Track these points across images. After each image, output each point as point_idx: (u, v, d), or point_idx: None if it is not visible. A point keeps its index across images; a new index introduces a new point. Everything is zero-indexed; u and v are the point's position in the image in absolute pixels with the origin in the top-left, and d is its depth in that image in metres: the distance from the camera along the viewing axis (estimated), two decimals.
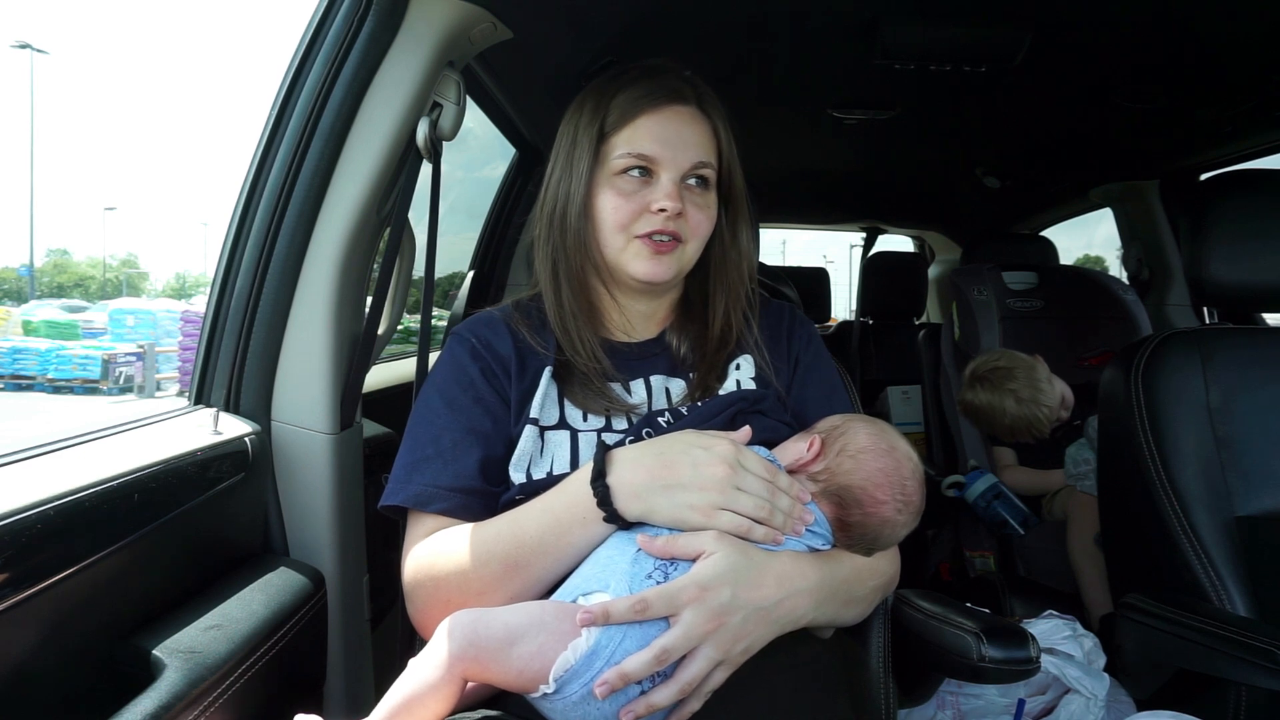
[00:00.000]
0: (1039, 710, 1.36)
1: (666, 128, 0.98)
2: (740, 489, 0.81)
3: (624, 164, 0.98)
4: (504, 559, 0.84)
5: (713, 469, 0.81)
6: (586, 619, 0.74)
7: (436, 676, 0.75)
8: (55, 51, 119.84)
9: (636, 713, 0.74)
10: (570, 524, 0.84)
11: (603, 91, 1.02)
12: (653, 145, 0.98)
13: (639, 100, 0.99)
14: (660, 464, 0.82)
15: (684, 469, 0.81)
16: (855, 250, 5.60)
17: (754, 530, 0.81)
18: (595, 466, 0.83)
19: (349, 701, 1.17)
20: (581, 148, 1.00)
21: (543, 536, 0.84)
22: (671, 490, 0.81)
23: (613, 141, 0.99)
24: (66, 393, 12.63)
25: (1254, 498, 1.29)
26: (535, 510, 0.86)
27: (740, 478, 0.82)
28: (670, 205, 0.96)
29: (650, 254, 0.99)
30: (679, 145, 0.98)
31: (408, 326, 1.67)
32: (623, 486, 0.82)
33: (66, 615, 0.74)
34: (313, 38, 1.09)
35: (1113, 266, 5.58)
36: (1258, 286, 1.38)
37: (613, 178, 0.99)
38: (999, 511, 2.18)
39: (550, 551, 0.84)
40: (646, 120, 0.98)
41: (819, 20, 1.52)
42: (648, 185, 0.98)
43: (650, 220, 0.98)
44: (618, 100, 1.00)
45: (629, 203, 0.98)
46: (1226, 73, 1.70)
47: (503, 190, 2.24)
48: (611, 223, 0.99)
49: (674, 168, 0.98)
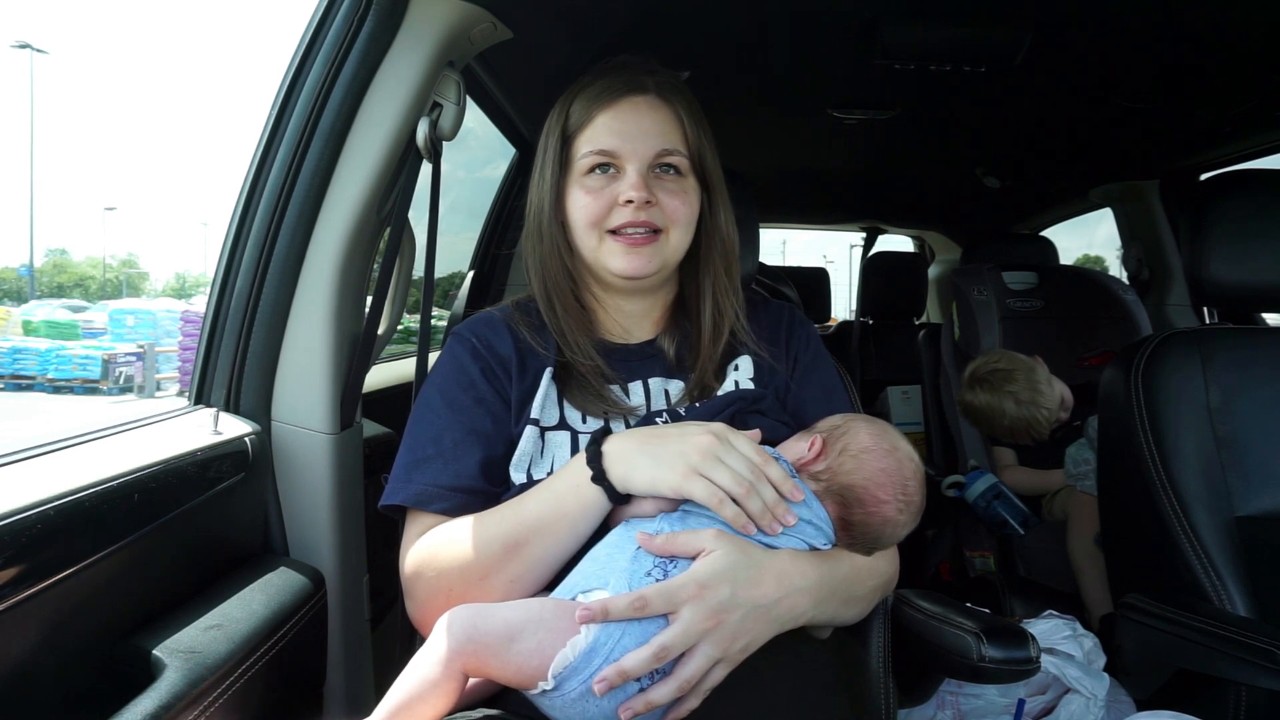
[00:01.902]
0: (1039, 710, 1.36)
1: (625, 121, 0.99)
2: (722, 461, 0.81)
3: (588, 162, 0.99)
4: (504, 540, 0.85)
5: (699, 438, 0.82)
6: (585, 616, 0.74)
7: (437, 673, 0.75)
8: (55, 51, 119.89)
9: (635, 710, 0.74)
10: (565, 494, 0.85)
11: (566, 96, 1.03)
12: (612, 139, 0.98)
13: (597, 98, 1.00)
14: (651, 434, 0.86)
15: (671, 437, 0.83)
16: (855, 250, 5.60)
17: (724, 506, 0.80)
18: (593, 438, 0.86)
19: (349, 701, 1.17)
20: (548, 154, 1.02)
21: (540, 512, 0.85)
22: (655, 453, 0.82)
23: (576, 143, 1.00)
24: (66, 393, 12.63)
25: (1254, 498, 1.29)
26: (536, 489, 0.88)
27: (724, 451, 0.82)
28: (636, 195, 0.96)
29: (625, 249, 0.99)
30: (639, 136, 0.98)
31: (408, 326, 1.67)
32: (613, 451, 0.84)
33: (66, 615, 0.74)
34: (313, 38, 1.09)
35: (1113, 266, 5.57)
36: (1258, 286, 1.38)
37: (580, 178, 1.00)
38: (999, 511, 2.19)
39: (548, 528, 0.85)
40: (604, 116, 0.99)
41: (819, 20, 1.51)
42: (615, 180, 0.99)
43: (620, 214, 0.98)
44: (577, 102, 1.01)
45: (597, 200, 0.98)
46: (1226, 73, 1.70)
47: (503, 190, 2.25)
48: (583, 222, 0.99)
49: (637, 159, 0.98)
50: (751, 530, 0.81)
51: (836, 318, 4.87)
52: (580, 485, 0.84)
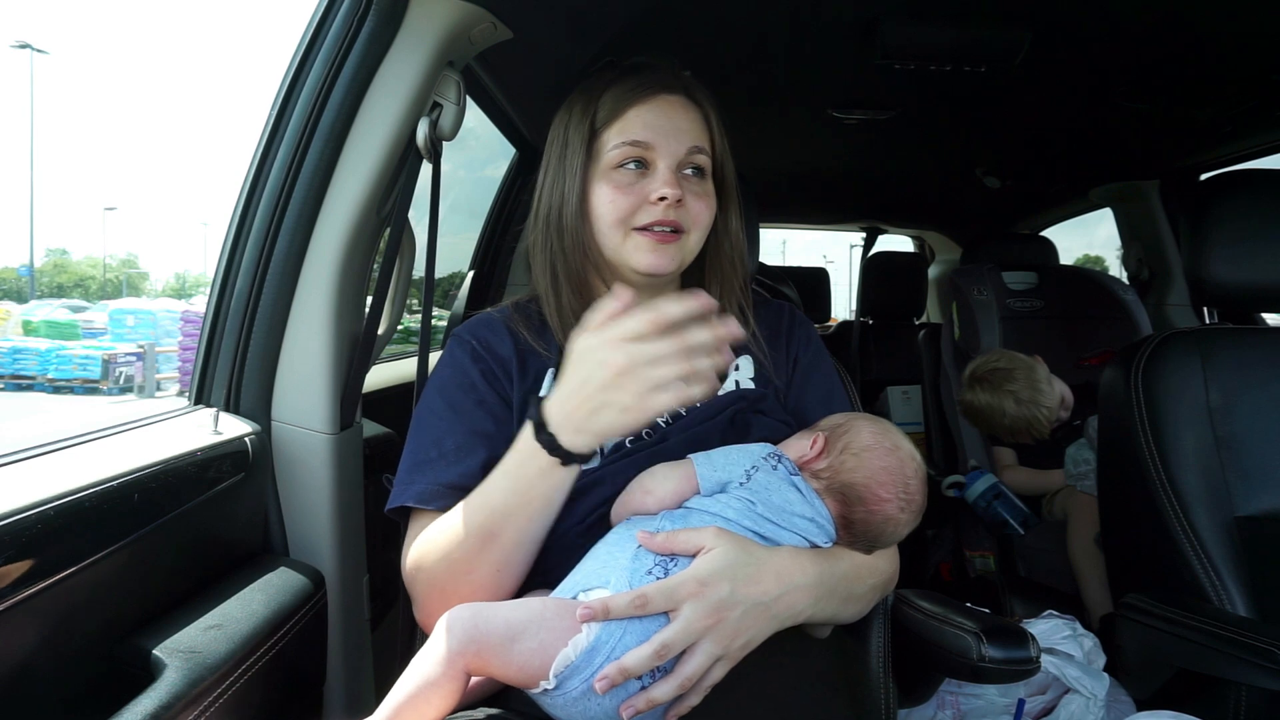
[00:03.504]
0: (1039, 710, 1.36)
1: (659, 115, 0.98)
2: (650, 364, 0.75)
3: (619, 155, 0.97)
4: (479, 530, 0.84)
5: (613, 360, 0.76)
6: (586, 614, 0.74)
7: (439, 672, 0.75)
8: (55, 51, 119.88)
9: (636, 708, 0.74)
10: (532, 479, 0.82)
11: (590, 90, 1.01)
12: (646, 132, 0.97)
13: (629, 92, 0.98)
14: (579, 387, 0.78)
15: (595, 380, 0.77)
16: (855, 250, 5.60)
17: (691, 392, 0.75)
18: (533, 420, 0.81)
19: (349, 701, 1.17)
20: (573, 146, 0.99)
21: (508, 500, 0.83)
22: (600, 409, 0.77)
23: (604, 136, 0.98)
24: (67, 393, 12.62)
25: (1254, 498, 1.29)
26: (496, 476, 0.85)
27: (639, 351, 0.75)
28: (670, 192, 0.95)
29: (652, 245, 0.97)
30: (672, 132, 0.98)
31: (408, 326, 1.67)
32: (562, 427, 0.80)
33: (66, 615, 0.74)
34: (313, 38, 1.09)
35: (1113, 266, 5.58)
36: (1258, 286, 1.38)
37: (609, 172, 0.98)
38: (999, 511, 2.18)
39: (521, 511, 0.83)
40: (638, 110, 0.98)
41: (819, 20, 1.52)
42: (644, 177, 0.98)
43: (650, 211, 0.97)
44: (607, 96, 0.99)
45: (626, 195, 0.97)
46: (1226, 73, 1.70)
47: (503, 190, 2.25)
48: (609, 218, 0.98)
49: (670, 155, 0.97)
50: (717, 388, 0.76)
51: (836, 318, 4.87)
52: (546, 470, 0.81)
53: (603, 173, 0.98)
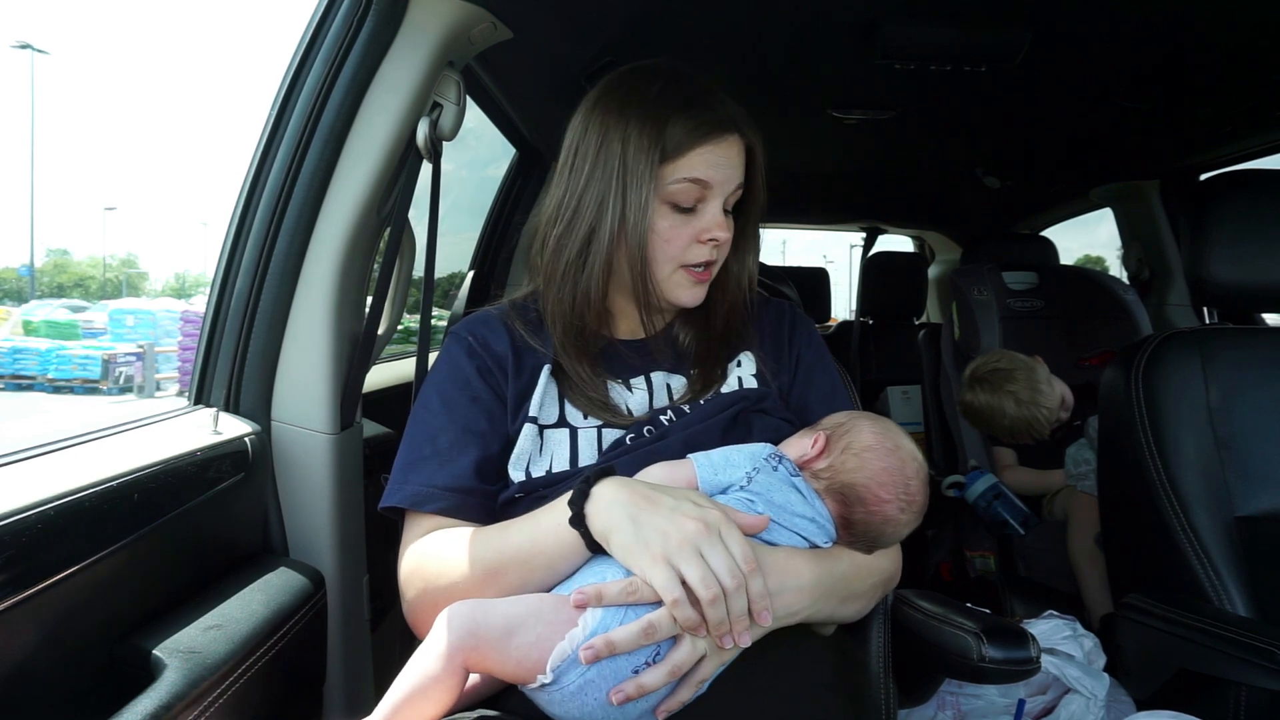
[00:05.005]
0: (1039, 710, 1.36)
1: (719, 155, 0.96)
2: (701, 555, 0.74)
3: (681, 191, 0.95)
4: (485, 565, 0.84)
5: (689, 521, 0.75)
6: (580, 599, 0.75)
7: (438, 668, 0.75)
8: (55, 51, 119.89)
9: (626, 693, 0.74)
10: (548, 529, 0.82)
11: (652, 113, 0.96)
12: (709, 171, 0.96)
13: (696, 129, 0.95)
14: (644, 495, 0.78)
15: (663, 510, 0.76)
16: (855, 250, 5.60)
17: (679, 607, 0.73)
18: (590, 476, 0.81)
19: (349, 701, 1.17)
20: (636, 173, 0.94)
21: (521, 544, 0.83)
22: (638, 522, 0.76)
23: (666, 168, 0.95)
24: (66, 392, 12.62)
25: (1254, 498, 1.29)
26: (523, 519, 0.86)
27: (710, 545, 0.74)
28: (723, 236, 0.97)
29: (692, 282, 0.99)
30: (729, 173, 0.98)
31: (408, 326, 1.67)
32: (600, 498, 0.79)
33: (66, 615, 0.74)
34: (313, 38, 1.09)
35: (1113, 266, 5.57)
36: (1258, 286, 1.38)
37: (662, 206, 0.96)
38: (999, 511, 2.18)
39: (526, 560, 0.83)
40: (704, 149, 0.95)
41: (819, 20, 1.52)
42: (693, 217, 0.97)
43: (700, 251, 0.97)
44: (674, 127, 0.95)
45: (679, 233, 0.97)
46: (1226, 73, 1.70)
47: (503, 190, 2.25)
48: (664, 253, 0.97)
49: (721, 195, 0.97)
50: (701, 634, 0.74)
51: (837, 318, 4.87)
52: (560, 525, 0.81)
53: (659, 203, 0.96)
